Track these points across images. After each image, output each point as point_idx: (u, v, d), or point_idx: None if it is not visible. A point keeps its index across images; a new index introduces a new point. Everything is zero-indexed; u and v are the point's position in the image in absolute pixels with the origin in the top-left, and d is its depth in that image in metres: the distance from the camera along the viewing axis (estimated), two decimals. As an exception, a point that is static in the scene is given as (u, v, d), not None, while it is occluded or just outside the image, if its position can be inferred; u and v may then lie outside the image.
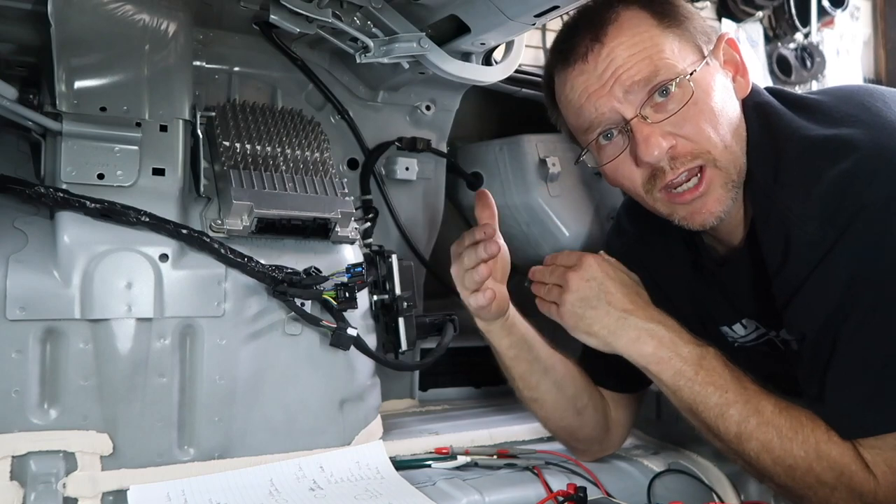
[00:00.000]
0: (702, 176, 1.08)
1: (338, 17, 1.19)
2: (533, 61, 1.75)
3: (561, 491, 1.18)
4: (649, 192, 1.12)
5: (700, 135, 1.07)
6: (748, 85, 1.15)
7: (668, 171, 1.08)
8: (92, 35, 1.13)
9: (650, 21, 1.09)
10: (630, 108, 1.07)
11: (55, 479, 1.07)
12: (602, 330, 1.13)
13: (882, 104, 1.07)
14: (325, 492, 1.15)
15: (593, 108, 1.10)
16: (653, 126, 1.06)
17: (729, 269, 1.21)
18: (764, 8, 2.24)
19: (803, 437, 1.03)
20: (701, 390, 1.09)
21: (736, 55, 1.14)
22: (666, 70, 1.06)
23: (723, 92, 1.11)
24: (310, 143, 1.37)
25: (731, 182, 1.09)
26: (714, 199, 1.09)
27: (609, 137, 1.12)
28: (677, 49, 1.09)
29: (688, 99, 1.05)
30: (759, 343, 1.29)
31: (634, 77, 1.06)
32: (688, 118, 1.06)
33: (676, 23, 1.10)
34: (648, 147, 1.06)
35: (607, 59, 1.08)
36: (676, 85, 1.05)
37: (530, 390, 1.30)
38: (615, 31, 1.08)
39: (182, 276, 1.15)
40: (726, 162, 1.08)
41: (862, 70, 2.64)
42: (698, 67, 1.08)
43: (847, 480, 1.00)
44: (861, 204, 0.97)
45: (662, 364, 1.10)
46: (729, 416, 1.07)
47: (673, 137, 1.07)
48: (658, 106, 1.07)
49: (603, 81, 1.08)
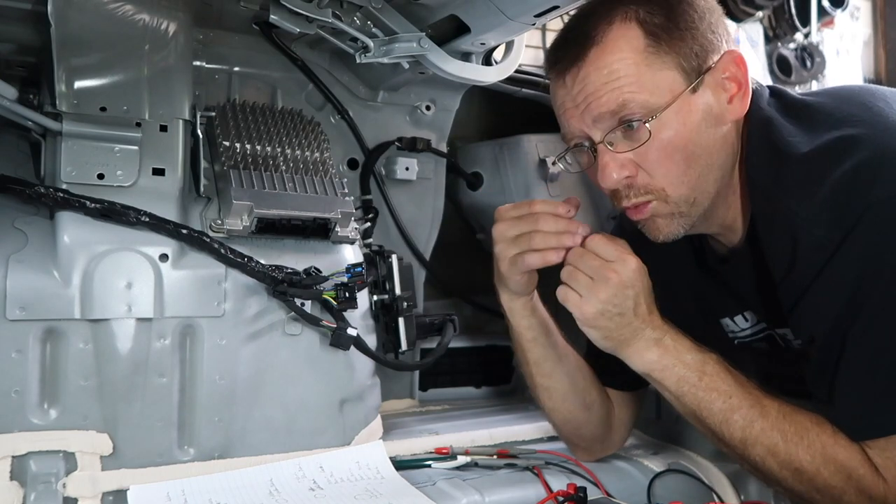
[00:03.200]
0: (645, 205, 1.10)
1: (338, 17, 1.19)
2: (533, 61, 1.75)
3: (561, 491, 1.18)
4: (614, 203, 1.16)
5: (658, 171, 1.07)
6: (745, 107, 1.10)
7: (622, 197, 1.11)
8: (92, 35, 1.13)
9: (637, 43, 1.05)
10: (598, 132, 1.08)
11: (55, 479, 1.08)
12: (619, 336, 1.11)
13: (884, 104, 1.06)
14: (325, 492, 1.15)
15: (567, 124, 1.12)
16: (613, 155, 1.07)
17: (731, 266, 1.22)
18: (764, 8, 2.25)
19: (809, 441, 1.02)
20: (705, 396, 1.08)
21: (740, 73, 1.10)
22: (634, 105, 1.04)
23: (700, 123, 1.07)
24: (310, 143, 1.37)
25: (678, 213, 1.10)
26: (662, 222, 1.11)
27: (583, 148, 1.14)
28: (657, 80, 1.05)
29: (648, 138, 1.05)
30: (758, 339, 1.29)
31: (602, 108, 1.06)
32: (650, 153, 1.06)
33: (669, 44, 1.06)
34: (603, 175, 1.08)
35: (581, 83, 1.07)
36: (643, 121, 1.05)
37: (543, 377, 1.29)
38: (595, 54, 1.06)
39: (182, 276, 1.15)
40: (677, 197, 1.09)
41: (862, 70, 2.64)
42: (673, 102, 1.05)
43: (856, 484, 1.00)
44: (866, 204, 0.96)
45: (666, 371, 1.10)
46: (733, 422, 1.06)
47: (634, 167, 1.07)
48: (627, 133, 1.06)
49: (576, 104, 1.09)
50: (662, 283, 1.24)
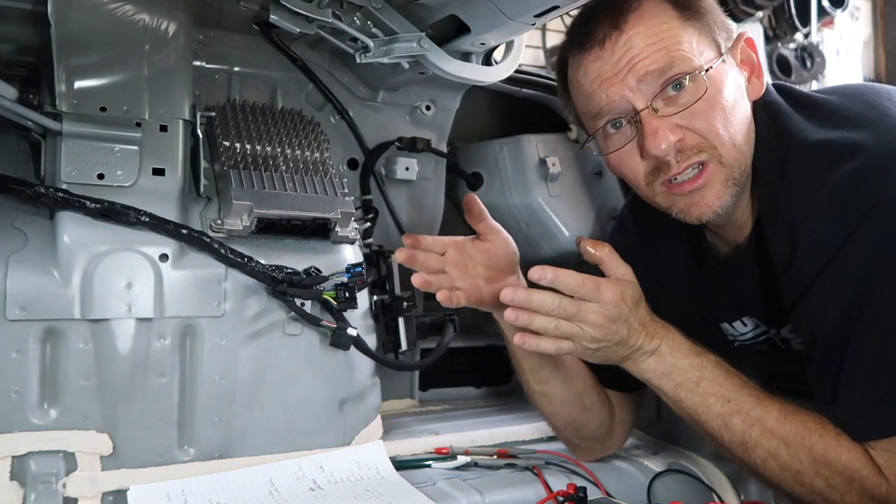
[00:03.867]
0: (703, 169, 1.08)
1: (338, 17, 1.19)
2: (533, 61, 1.76)
3: (561, 491, 1.18)
4: (650, 184, 1.12)
5: (709, 130, 1.06)
6: (762, 87, 1.13)
7: (673, 164, 1.08)
8: (92, 35, 1.13)
9: (671, 12, 1.08)
10: (641, 98, 1.07)
11: (55, 479, 1.07)
12: (618, 357, 1.11)
13: (889, 103, 1.07)
14: (325, 492, 1.15)
15: (604, 95, 1.10)
16: (662, 119, 1.06)
17: (732, 267, 1.21)
18: (764, 8, 2.25)
19: (810, 443, 1.02)
20: (703, 401, 1.08)
21: (753, 55, 1.14)
22: (681, 63, 1.05)
23: (735, 91, 1.10)
24: (310, 143, 1.37)
25: (732, 180, 1.09)
26: (713, 193, 1.08)
27: (617, 126, 1.12)
28: (695, 43, 1.08)
29: (701, 94, 1.05)
30: (758, 342, 1.29)
31: (649, 67, 1.05)
32: (698, 113, 1.06)
33: (697, 16, 1.09)
34: (656, 140, 1.05)
35: (624, 47, 1.07)
36: (690, 79, 1.05)
37: (540, 384, 1.29)
38: (635, 20, 1.07)
39: (182, 276, 1.15)
40: (731, 160, 1.08)
41: (862, 70, 2.65)
42: (714, 64, 1.07)
43: (858, 485, 0.99)
44: (870, 203, 0.96)
45: (663, 378, 1.10)
46: (732, 426, 1.06)
47: (681, 131, 1.06)
48: (670, 99, 1.06)
49: (617, 69, 1.07)
50: (662, 285, 1.24)
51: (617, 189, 1.77)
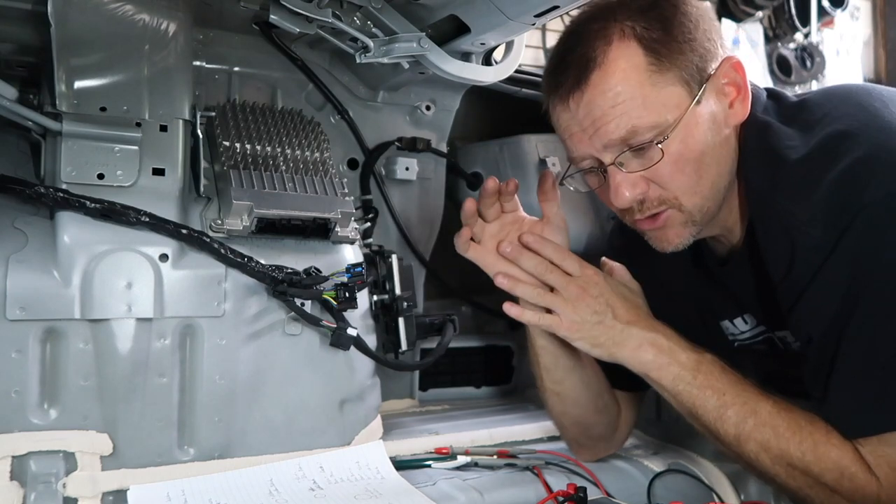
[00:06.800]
0: (659, 215, 1.11)
1: (338, 17, 1.19)
2: (533, 61, 1.76)
3: (561, 491, 1.17)
4: (624, 217, 1.17)
5: (672, 184, 1.08)
6: (746, 111, 1.11)
7: (636, 211, 1.12)
8: (92, 35, 1.13)
9: (639, 61, 1.04)
10: (608, 155, 1.08)
11: (55, 479, 1.07)
12: (608, 341, 1.14)
13: (880, 104, 1.06)
14: (325, 492, 1.15)
15: (575, 149, 1.13)
16: (626, 175, 1.08)
17: (729, 269, 1.22)
18: (764, 8, 2.25)
19: (801, 438, 1.03)
20: (699, 394, 1.10)
21: (739, 78, 1.10)
22: (644, 129, 1.04)
23: (706, 131, 1.08)
24: (310, 143, 1.37)
25: (691, 222, 1.11)
26: (673, 232, 1.13)
27: (592, 170, 1.14)
28: (663, 97, 1.05)
29: (662, 157, 1.06)
30: (758, 341, 1.29)
31: (611, 135, 1.06)
32: (662, 170, 1.07)
33: (670, 58, 1.05)
34: (617, 196, 1.09)
35: (587, 108, 1.07)
36: (654, 141, 1.05)
37: (553, 383, 1.30)
38: (598, 78, 1.05)
39: (182, 276, 1.15)
40: (691, 206, 1.10)
41: (862, 70, 2.65)
42: (681, 117, 1.05)
43: (848, 482, 1.00)
44: (861, 203, 0.96)
45: (662, 370, 1.12)
46: (727, 418, 1.08)
47: (646, 183, 1.08)
48: (637, 153, 1.07)
49: (583, 128, 1.08)
50: (661, 286, 1.24)
51: (617, 189, 1.77)
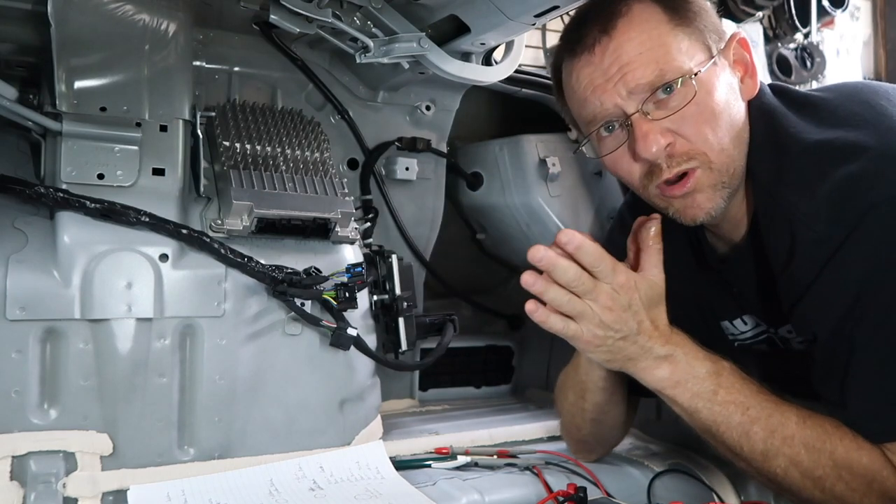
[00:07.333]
0: (688, 176, 1.08)
1: (338, 17, 1.19)
2: (533, 61, 1.76)
3: (561, 491, 1.17)
4: (646, 186, 1.12)
5: (698, 135, 1.06)
6: (756, 87, 1.13)
7: (664, 168, 1.08)
8: (92, 35, 1.13)
9: (661, 17, 1.08)
10: (632, 104, 1.07)
11: (55, 479, 1.07)
12: (623, 358, 1.07)
13: (887, 102, 1.06)
14: (325, 492, 1.15)
15: (597, 102, 1.10)
16: (652, 123, 1.06)
17: (731, 265, 1.21)
18: (764, 8, 2.24)
19: (831, 447, 1.01)
20: (721, 410, 1.05)
21: (746, 55, 1.13)
22: (671, 72, 1.05)
23: (727, 93, 1.10)
24: (310, 143, 1.37)
25: (721, 184, 1.09)
26: (704, 197, 1.09)
27: (610, 130, 1.12)
28: (685, 48, 1.07)
29: (690, 99, 1.05)
30: (758, 341, 1.29)
31: (639, 80, 1.05)
32: (688, 117, 1.06)
33: (687, 20, 1.09)
34: (646, 144, 1.06)
35: (614, 55, 1.07)
36: (681, 83, 1.05)
37: (600, 413, 1.27)
38: (624, 26, 1.07)
39: (182, 276, 1.15)
40: (720, 164, 1.08)
41: (862, 70, 2.65)
42: (704, 67, 1.07)
43: (879, 487, 0.99)
44: (870, 203, 0.96)
45: (678, 388, 1.07)
46: (753, 434, 1.03)
47: (672, 135, 1.06)
48: (661, 102, 1.06)
49: (608, 76, 1.07)
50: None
51: (617, 189, 1.77)
